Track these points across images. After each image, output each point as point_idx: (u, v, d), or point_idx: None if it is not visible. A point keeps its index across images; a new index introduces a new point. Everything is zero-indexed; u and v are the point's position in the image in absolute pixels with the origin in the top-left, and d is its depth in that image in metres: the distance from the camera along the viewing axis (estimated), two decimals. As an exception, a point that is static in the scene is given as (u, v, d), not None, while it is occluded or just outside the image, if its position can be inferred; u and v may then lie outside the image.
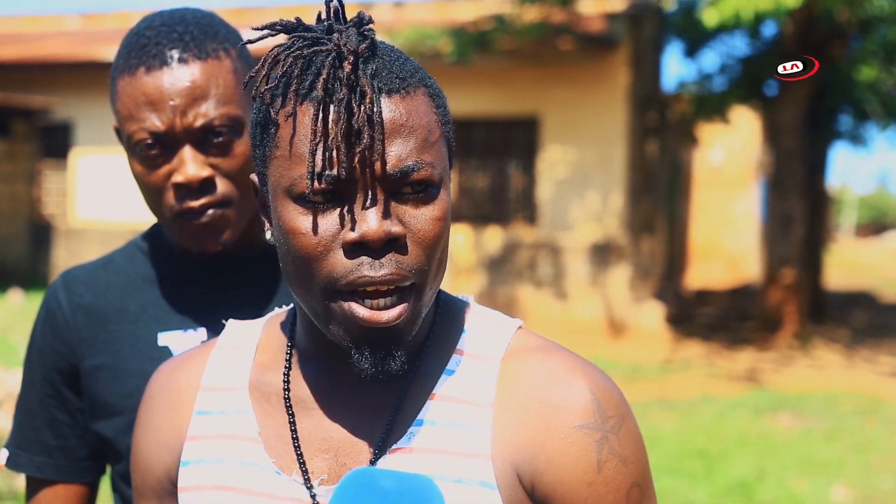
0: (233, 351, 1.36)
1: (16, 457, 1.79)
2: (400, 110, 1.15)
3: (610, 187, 14.99)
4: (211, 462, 1.29)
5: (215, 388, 1.34)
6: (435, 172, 1.16)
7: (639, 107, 15.45)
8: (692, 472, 7.34)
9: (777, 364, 12.54)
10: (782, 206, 14.77)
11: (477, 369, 1.24)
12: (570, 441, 1.18)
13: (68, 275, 1.81)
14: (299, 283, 1.18)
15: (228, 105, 1.64)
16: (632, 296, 14.76)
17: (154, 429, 1.36)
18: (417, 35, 13.70)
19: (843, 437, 8.61)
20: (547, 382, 1.21)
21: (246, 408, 1.30)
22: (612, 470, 1.18)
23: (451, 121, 1.25)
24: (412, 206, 1.16)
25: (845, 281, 25.34)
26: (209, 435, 1.31)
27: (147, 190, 1.68)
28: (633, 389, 10.57)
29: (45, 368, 1.77)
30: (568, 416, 1.19)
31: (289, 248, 1.17)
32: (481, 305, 1.33)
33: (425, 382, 1.24)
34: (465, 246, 15.35)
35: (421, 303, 1.18)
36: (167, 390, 1.37)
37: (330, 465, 1.23)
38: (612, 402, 1.21)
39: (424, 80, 1.21)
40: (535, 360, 1.23)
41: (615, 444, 1.19)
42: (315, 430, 1.25)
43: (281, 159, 1.17)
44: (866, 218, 67.99)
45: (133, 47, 1.66)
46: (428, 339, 1.27)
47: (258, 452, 1.26)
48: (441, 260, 1.20)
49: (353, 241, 1.13)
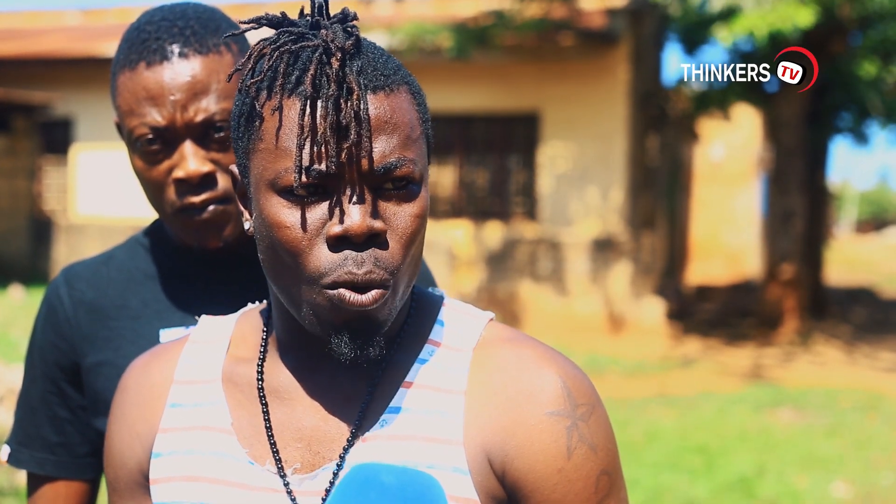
0: (206, 344, 1.38)
1: (17, 453, 1.79)
2: (385, 107, 1.17)
3: (610, 183, 14.99)
4: (183, 453, 1.30)
5: (188, 381, 1.35)
6: (416, 169, 1.19)
7: (639, 103, 15.45)
8: (692, 468, 7.34)
9: (777, 360, 12.55)
10: (783, 203, 14.77)
11: (449, 358, 1.26)
12: (541, 428, 1.20)
13: (69, 271, 1.81)
14: (282, 275, 1.20)
15: (229, 100, 1.64)
16: (632, 292, 14.76)
17: (128, 422, 1.37)
18: (417, 30, 13.69)
19: (844, 433, 8.61)
20: (518, 371, 1.23)
21: (219, 399, 1.31)
22: (582, 457, 1.20)
23: (430, 118, 1.27)
24: (394, 202, 1.18)
25: (846, 277, 25.34)
26: (182, 427, 1.32)
27: (148, 185, 1.68)
28: (633, 385, 10.58)
29: (46, 365, 1.77)
30: (538, 403, 1.21)
31: (272, 241, 1.19)
32: (454, 299, 1.36)
33: (398, 371, 1.26)
34: (466, 241, 15.34)
35: (396, 297, 1.20)
36: (140, 384, 1.38)
37: (303, 454, 1.25)
38: (582, 391, 1.23)
39: (406, 78, 1.23)
40: (506, 349, 1.26)
41: (585, 431, 1.21)
42: (288, 419, 1.27)
43: (265, 152, 1.18)
44: (867, 214, 67.97)
45: (133, 42, 1.66)
46: (402, 330, 1.29)
47: (231, 443, 1.28)
48: (416, 256, 1.22)
49: (337, 234, 1.15)
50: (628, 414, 8.95)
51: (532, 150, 15.50)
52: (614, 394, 9.80)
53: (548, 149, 15.29)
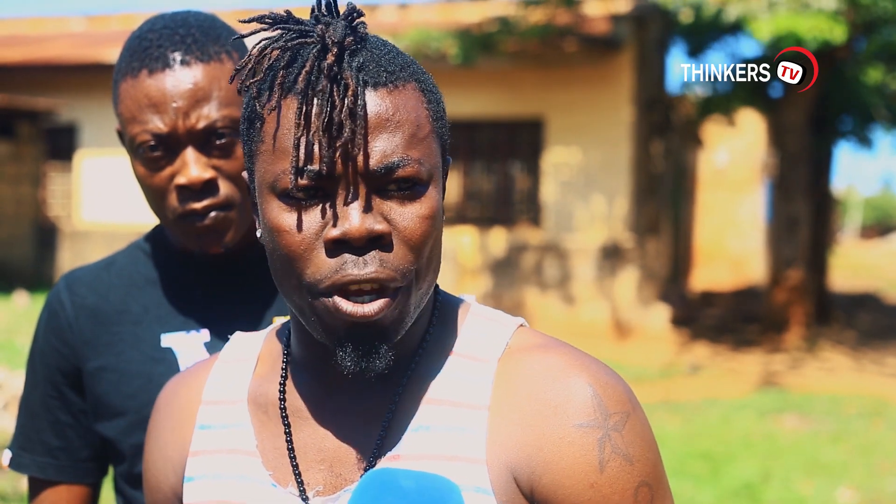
0: (235, 363, 1.35)
1: (19, 458, 1.80)
2: (386, 104, 1.12)
3: (615, 189, 14.98)
4: (212, 477, 1.28)
5: (216, 401, 1.32)
6: (422, 169, 1.13)
7: (643, 109, 15.45)
8: (697, 474, 7.33)
9: (783, 366, 12.53)
10: (787, 208, 14.76)
11: (473, 371, 1.20)
12: (569, 441, 1.13)
13: (71, 276, 1.81)
14: (285, 282, 1.16)
15: (231, 107, 1.64)
16: (637, 298, 14.75)
17: (161, 445, 1.35)
18: (422, 37, 13.70)
19: (849, 439, 8.60)
20: (544, 381, 1.16)
21: (244, 421, 1.28)
22: (616, 469, 1.13)
23: (445, 117, 1.22)
24: (398, 203, 1.12)
25: (850, 283, 25.31)
26: (210, 450, 1.29)
27: (150, 192, 1.68)
28: (638, 391, 10.47)
29: (47, 370, 1.77)
30: (566, 415, 1.14)
31: (273, 247, 1.14)
32: (482, 305, 1.29)
33: (420, 386, 1.21)
34: (471, 248, 15.34)
35: (409, 303, 1.14)
36: (171, 405, 1.36)
37: (325, 476, 1.21)
38: (616, 398, 1.16)
39: (416, 75, 1.17)
40: (532, 358, 1.19)
41: (619, 441, 1.14)
42: (311, 440, 1.23)
43: (266, 154, 1.14)
44: (871, 219, 67.89)
45: (135, 50, 1.67)
46: (424, 341, 1.23)
47: (255, 466, 1.25)
48: (430, 259, 1.16)
49: (334, 238, 1.10)
50: (633, 420, 8.92)
51: (536, 156, 15.50)
52: (619, 400, 9.77)
53: (552, 155, 15.29)
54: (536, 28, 13.99)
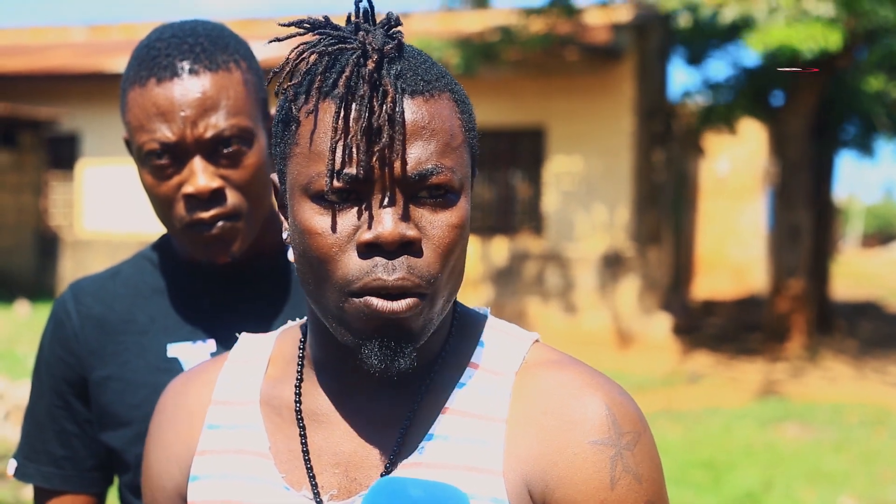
0: (245, 364, 1.35)
1: (24, 467, 1.80)
2: (422, 112, 1.13)
3: (616, 198, 14.99)
4: (220, 477, 1.27)
5: (226, 402, 1.32)
6: (455, 178, 1.14)
7: (645, 118, 15.46)
8: (699, 482, 7.32)
9: (784, 374, 12.52)
10: (789, 217, 14.76)
11: (491, 383, 1.22)
12: (584, 457, 1.15)
13: (77, 286, 1.81)
14: (314, 283, 1.16)
15: (239, 116, 1.64)
16: (639, 307, 14.75)
17: (165, 444, 1.35)
18: (424, 46, 13.70)
19: (851, 447, 8.59)
20: (561, 397, 1.18)
21: (257, 422, 1.28)
22: (626, 487, 1.15)
23: (476, 128, 1.23)
24: (430, 210, 1.14)
25: (852, 291, 25.30)
26: (219, 449, 1.29)
27: (157, 201, 1.68)
28: (640, 400, 10.43)
29: (53, 379, 1.77)
30: (582, 432, 1.16)
31: (304, 248, 1.15)
32: (498, 318, 1.31)
33: (438, 396, 1.22)
34: (472, 257, 15.35)
35: (433, 310, 1.16)
36: (178, 405, 1.35)
37: (340, 480, 1.21)
38: (629, 418, 1.18)
39: (450, 85, 1.19)
40: (549, 374, 1.21)
41: (630, 460, 1.16)
42: (326, 443, 1.23)
43: (300, 156, 1.15)
44: (873, 228, 67.81)
45: (144, 59, 1.67)
46: (443, 350, 1.24)
47: (268, 468, 1.25)
48: (455, 268, 1.17)
49: (367, 241, 1.11)
50: (635, 429, 8.92)
51: (538, 165, 15.52)
52: (621, 409, 9.77)
53: (553, 164, 15.30)
54: (538, 37, 14.01)
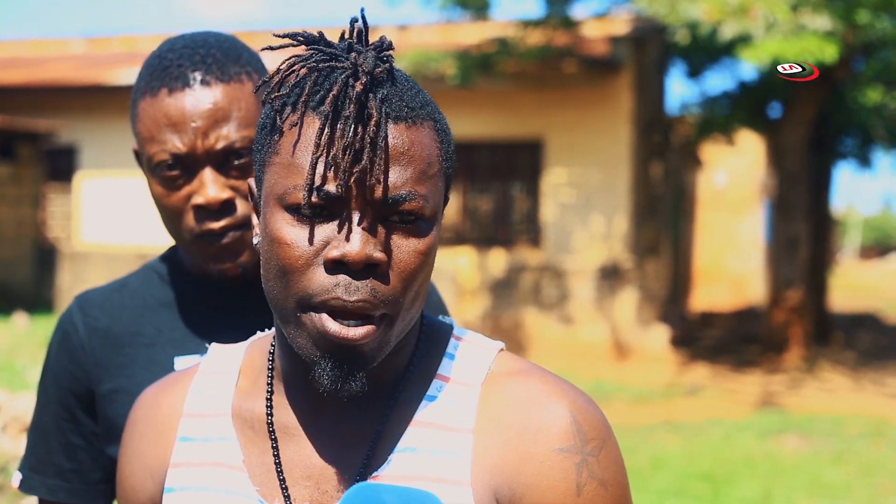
0: (215, 376, 1.36)
1: (29, 480, 1.79)
2: (403, 138, 1.15)
3: (614, 210, 15.00)
4: (195, 489, 1.29)
5: (198, 414, 1.34)
6: (427, 206, 1.17)
7: (643, 129, 15.48)
8: (698, 494, 7.31)
9: (783, 386, 12.52)
10: (787, 228, 14.78)
11: (457, 395, 1.24)
12: (550, 464, 1.18)
13: (83, 297, 1.81)
14: (276, 291, 1.18)
15: (250, 128, 1.65)
16: (637, 319, 14.75)
17: (138, 456, 1.36)
18: (421, 58, 13.73)
19: (850, 459, 8.58)
20: (526, 406, 1.21)
21: (230, 435, 1.30)
22: (592, 493, 1.18)
23: (454, 158, 1.26)
24: (399, 235, 1.16)
25: (850, 303, 25.31)
26: (193, 462, 1.31)
27: (166, 212, 1.69)
28: (638, 412, 10.55)
29: (59, 391, 1.76)
30: (547, 440, 1.18)
31: (272, 256, 1.17)
32: (464, 329, 1.33)
33: (406, 409, 1.24)
34: (470, 269, 15.34)
35: (391, 332, 1.18)
36: (150, 417, 1.37)
37: (311, 493, 1.23)
38: (593, 425, 1.21)
39: (433, 115, 1.22)
40: (514, 383, 1.23)
41: (595, 466, 1.19)
42: (297, 457, 1.25)
43: (279, 167, 1.17)
44: (871, 240, 67.85)
45: (155, 69, 1.67)
46: (410, 363, 1.26)
47: (242, 481, 1.26)
48: (418, 293, 1.20)
49: (334, 258, 1.13)
50: (634, 441, 8.92)
51: (536, 177, 15.52)
52: (620, 421, 9.77)
53: (551, 176, 15.31)
54: (535, 49, 14.03)
